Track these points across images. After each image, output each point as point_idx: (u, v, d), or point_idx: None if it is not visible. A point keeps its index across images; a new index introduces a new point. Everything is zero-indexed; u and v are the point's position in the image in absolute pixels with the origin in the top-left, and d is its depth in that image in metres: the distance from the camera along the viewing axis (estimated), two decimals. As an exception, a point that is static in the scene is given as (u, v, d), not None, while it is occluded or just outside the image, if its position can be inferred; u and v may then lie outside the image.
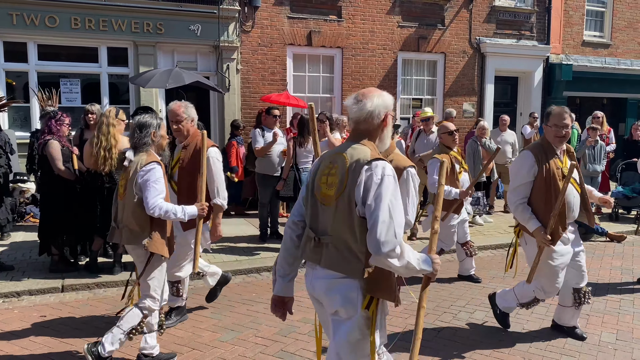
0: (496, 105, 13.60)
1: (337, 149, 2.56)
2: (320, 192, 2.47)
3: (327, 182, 2.44)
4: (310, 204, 2.54)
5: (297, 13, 11.23)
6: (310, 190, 2.55)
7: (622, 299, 5.51)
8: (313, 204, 2.52)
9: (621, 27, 15.31)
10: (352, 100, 2.51)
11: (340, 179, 2.39)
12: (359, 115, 2.47)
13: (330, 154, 2.57)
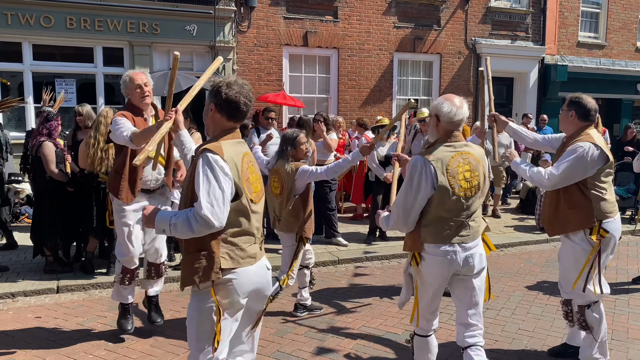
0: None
1: (465, 149, 3.08)
2: (461, 187, 3.00)
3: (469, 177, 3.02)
4: (453, 200, 2.98)
5: (293, 13, 11.24)
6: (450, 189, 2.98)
7: (617, 299, 5.53)
8: (456, 199, 2.99)
9: (616, 28, 15.39)
10: (463, 101, 3.10)
11: (480, 172, 3.06)
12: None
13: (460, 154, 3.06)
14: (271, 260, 6.77)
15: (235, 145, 2.60)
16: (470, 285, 3.10)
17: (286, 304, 5.28)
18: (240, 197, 2.53)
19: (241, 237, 2.57)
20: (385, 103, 12.32)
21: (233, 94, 2.54)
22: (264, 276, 2.68)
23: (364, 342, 4.40)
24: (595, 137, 3.65)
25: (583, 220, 3.62)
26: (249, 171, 2.61)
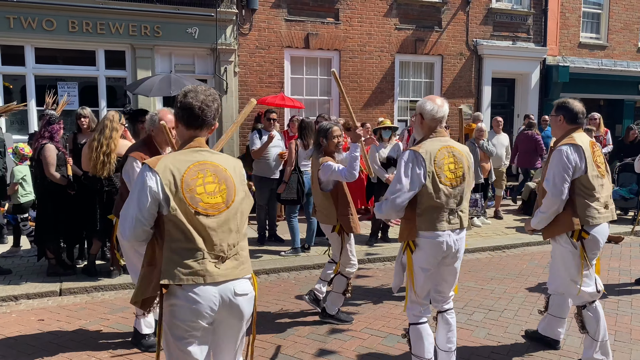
0: (493, 107, 13.63)
1: (449, 142, 3.42)
2: (447, 177, 3.32)
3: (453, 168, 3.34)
4: (441, 189, 3.30)
5: (294, 16, 11.26)
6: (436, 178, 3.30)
7: (620, 300, 5.52)
8: (444, 187, 3.32)
9: (617, 28, 15.37)
10: (444, 101, 3.45)
11: (464, 165, 3.41)
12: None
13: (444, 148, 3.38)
14: (269, 262, 6.78)
15: (187, 154, 2.46)
16: (453, 267, 3.54)
17: (288, 306, 5.29)
18: (169, 209, 2.34)
19: (183, 253, 2.36)
20: (386, 105, 12.32)
21: (187, 100, 2.48)
22: (225, 303, 2.43)
23: (367, 344, 4.40)
24: (577, 139, 3.75)
25: (567, 224, 3.75)
26: (197, 182, 2.39)
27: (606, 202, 3.82)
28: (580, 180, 3.71)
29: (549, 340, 4.27)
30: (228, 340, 2.59)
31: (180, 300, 2.38)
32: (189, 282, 2.36)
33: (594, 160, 3.74)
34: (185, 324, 2.39)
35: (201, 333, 2.46)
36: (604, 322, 3.85)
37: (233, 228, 2.49)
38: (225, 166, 2.53)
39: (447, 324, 3.63)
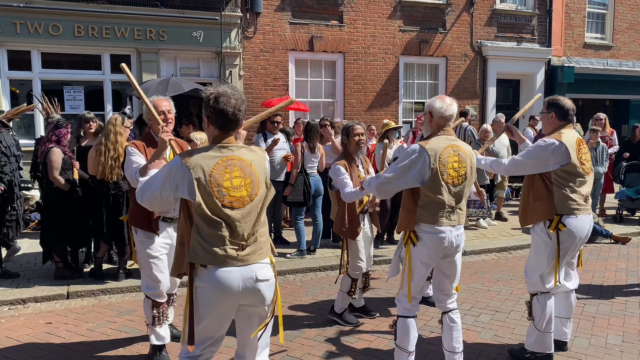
0: (498, 108, 13.60)
1: (455, 142, 3.49)
2: (450, 175, 3.40)
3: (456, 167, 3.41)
4: (443, 186, 3.38)
5: (298, 19, 11.28)
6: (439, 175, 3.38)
7: (627, 301, 5.49)
8: (445, 185, 3.39)
9: (622, 28, 15.32)
10: (453, 101, 3.56)
11: (468, 165, 3.48)
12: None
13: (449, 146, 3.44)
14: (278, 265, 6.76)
15: (216, 150, 2.66)
16: (454, 262, 3.60)
17: (294, 309, 5.29)
18: (195, 200, 2.56)
19: (208, 238, 2.60)
20: (391, 106, 12.33)
21: (221, 106, 2.62)
22: (246, 283, 2.62)
23: (374, 345, 4.39)
24: (565, 136, 3.82)
25: (544, 212, 3.86)
26: (224, 177, 2.60)
27: (586, 197, 3.89)
28: (557, 172, 3.80)
29: (542, 355, 4.05)
30: (252, 322, 2.78)
31: (203, 282, 2.61)
32: (212, 264, 2.59)
33: (579, 157, 3.81)
34: (210, 304, 2.62)
35: (225, 314, 2.70)
36: (551, 315, 3.92)
37: (254, 218, 2.70)
38: (250, 160, 2.71)
39: (452, 323, 3.64)
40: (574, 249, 3.94)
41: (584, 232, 3.88)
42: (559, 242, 3.83)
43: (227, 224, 2.60)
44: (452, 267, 3.61)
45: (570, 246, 3.88)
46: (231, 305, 2.68)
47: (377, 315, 5.04)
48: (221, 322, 2.73)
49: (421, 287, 3.62)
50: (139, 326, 4.79)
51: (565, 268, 4.08)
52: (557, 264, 3.86)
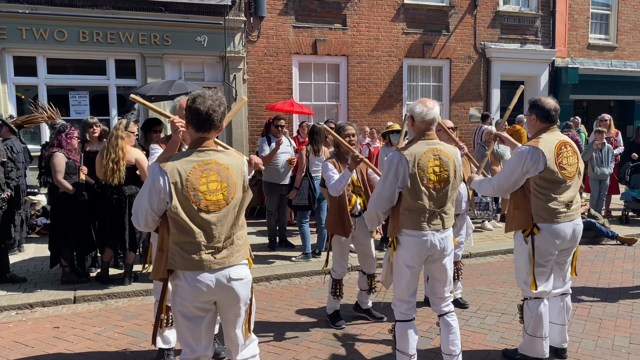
0: (502, 110, 13.58)
1: (437, 146, 3.49)
2: (430, 180, 3.42)
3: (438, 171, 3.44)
4: (422, 190, 3.40)
5: (302, 22, 11.32)
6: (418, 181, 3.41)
7: (634, 303, 5.47)
8: (425, 189, 3.41)
9: (626, 29, 15.29)
10: (435, 103, 3.53)
11: (450, 168, 3.48)
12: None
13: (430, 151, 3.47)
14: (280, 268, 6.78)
15: (194, 155, 2.73)
16: (443, 266, 3.60)
17: (300, 312, 5.30)
18: (171, 206, 2.64)
19: (183, 246, 2.69)
20: (395, 109, 12.33)
21: (196, 106, 2.72)
22: (220, 282, 2.74)
23: (380, 348, 4.40)
24: (543, 141, 3.77)
25: (522, 221, 3.86)
26: (200, 181, 2.67)
27: (568, 202, 3.80)
28: (535, 180, 3.76)
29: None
30: (229, 319, 2.89)
31: (182, 281, 2.74)
32: (189, 270, 2.71)
33: (558, 162, 3.74)
34: (186, 301, 2.74)
35: (201, 312, 2.79)
36: (541, 320, 3.88)
37: (230, 221, 2.79)
38: (227, 164, 2.79)
39: (448, 326, 3.64)
40: (557, 254, 3.88)
41: (563, 239, 3.80)
42: (534, 247, 3.81)
43: (203, 228, 2.69)
44: (441, 271, 3.62)
45: (547, 252, 3.82)
46: (207, 302, 2.79)
47: (384, 318, 5.03)
48: (202, 320, 2.81)
49: (413, 290, 3.61)
50: (146, 330, 4.81)
51: (555, 273, 4.01)
52: (532, 269, 3.83)
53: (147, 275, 6.07)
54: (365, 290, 4.99)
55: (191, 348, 2.83)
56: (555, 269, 4.01)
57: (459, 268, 5.34)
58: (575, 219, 3.86)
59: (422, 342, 4.43)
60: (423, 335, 4.58)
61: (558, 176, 3.74)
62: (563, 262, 4.02)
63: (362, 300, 5.07)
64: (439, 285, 3.67)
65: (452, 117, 12.81)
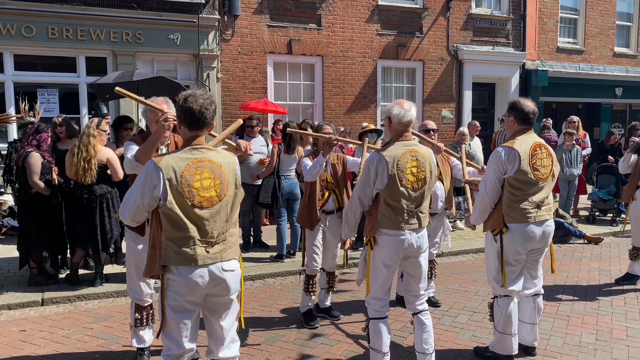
0: (474, 112, 13.80)
1: (414, 147, 3.55)
2: (408, 180, 3.47)
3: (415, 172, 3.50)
4: (401, 191, 3.46)
5: (277, 22, 11.29)
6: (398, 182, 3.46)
7: (600, 300, 5.62)
8: (404, 190, 3.47)
9: (594, 33, 15.69)
10: (412, 105, 3.59)
11: (427, 169, 3.55)
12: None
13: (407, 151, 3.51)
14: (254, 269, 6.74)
15: (187, 152, 2.81)
16: (418, 262, 3.65)
17: (273, 312, 5.29)
18: (165, 202, 2.68)
19: (177, 241, 2.74)
20: (370, 110, 12.40)
21: (188, 105, 2.79)
22: (214, 278, 2.80)
23: (354, 348, 4.41)
24: (519, 143, 3.85)
25: (495, 220, 3.94)
26: (194, 178, 2.74)
27: (539, 203, 3.88)
28: (509, 180, 3.84)
29: (503, 356, 4.08)
30: (217, 310, 2.93)
31: (175, 275, 2.77)
32: (183, 264, 2.75)
33: (532, 163, 3.82)
34: (179, 296, 2.76)
35: (192, 306, 2.83)
36: (510, 318, 3.96)
37: (223, 218, 2.85)
38: (220, 162, 2.86)
39: (421, 325, 3.68)
40: (527, 254, 3.96)
41: (532, 239, 3.87)
42: (502, 247, 3.89)
43: (196, 224, 2.75)
44: (416, 267, 3.67)
45: (515, 251, 3.89)
46: (199, 296, 2.83)
47: (340, 317, 5.06)
48: (191, 315, 2.84)
49: (387, 288, 3.65)
50: (117, 332, 4.73)
51: (526, 273, 4.08)
52: (502, 267, 3.91)
53: (118, 276, 5.99)
54: (324, 289, 5.04)
55: (177, 344, 2.83)
56: (527, 269, 4.09)
57: (433, 267, 5.39)
58: (546, 220, 3.94)
59: (396, 341, 4.46)
60: (396, 334, 4.62)
61: (531, 177, 3.81)
62: (534, 262, 4.09)
63: (321, 298, 5.12)
64: (413, 282, 3.72)
65: (424, 119, 12.95)
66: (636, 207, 5.92)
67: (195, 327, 2.91)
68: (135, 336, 3.97)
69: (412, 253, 3.60)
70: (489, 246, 4.06)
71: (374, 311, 3.65)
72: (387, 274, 3.59)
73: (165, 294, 2.78)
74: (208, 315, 2.96)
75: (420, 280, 3.71)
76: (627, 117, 16.76)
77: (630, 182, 6.04)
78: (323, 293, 5.09)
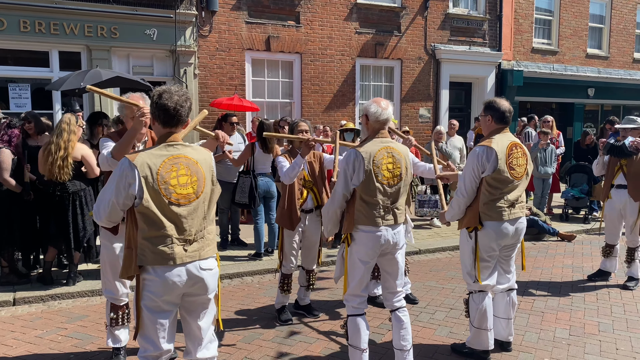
0: (451, 110, 13.95)
1: (390, 144, 3.58)
2: (384, 176, 3.50)
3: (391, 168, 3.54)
4: (377, 187, 3.50)
5: (255, 18, 11.22)
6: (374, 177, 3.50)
7: (574, 296, 5.74)
8: (380, 185, 3.50)
9: (567, 35, 15.99)
10: (389, 104, 3.63)
11: (402, 165, 3.59)
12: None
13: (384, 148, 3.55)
14: (232, 267, 6.70)
15: (163, 149, 2.74)
16: (394, 259, 3.69)
17: (251, 311, 5.26)
18: (142, 201, 2.63)
19: (154, 240, 2.68)
20: (348, 108, 12.43)
21: (163, 101, 2.74)
22: (191, 277, 2.75)
23: (332, 345, 4.42)
24: (496, 142, 3.91)
25: (470, 218, 4.01)
26: (171, 175, 2.69)
27: (514, 202, 3.96)
28: (487, 179, 3.90)
29: (479, 351, 4.13)
30: (195, 310, 2.88)
31: (152, 275, 2.70)
32: (160, 264, 2.68)
33: (508, 162, 3.88)
34: (156, 296, 2.71)
35: (170, 306, 2.78)
36: (485, 313, 4.03)
37: (201, 215, 2.81)
38: (196, 159, 2.81)
39: (399, 322, 3.72)
40: (500, 250, 4.04)
41: (505, 236, 3.95)
42: (477, 243, 3.97)
43: (173, 222, 2.70)
44: (393, 264, 3.71)
45: (489, 247, 3.97)
46: (177, 296, 2.78)
47: (319, 314, 5.08)
48: (168, 316, 2.79)
49: (365, 285, 3.68)
50: (92, 332, 4.65)
51: (500, 268, 4.16)
52: (477, 262, 3.98)
53: (93, 274, 5.89)
54: (304, 286, 5.04)
55: (154, 344, 2.77)
56: (500, 264, 4.16)
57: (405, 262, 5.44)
58: (519, 218, 4.02)
59: (373, 338, 4.48)
60: (374, 331, 4.64)
61: (507, 176, 3.88)
62: (507, 258, 4.17)
63: (301, 296, 5.12)
64: (390, 279, 3.75)
65: (402, 117, 13.05)
66: (611, 205, 6.06)
67: (172, 328, 2.86)
68: (111, 336, 3.92)
69: (389, 249, 3.63)
70: (463, 242, 4.13)
71: (352, 308, 3.67)
72: (365, 270, 3.61)
73: (142, 295, 2.71)
74: (185, 316, 2.91)
75: (397, 277, 3.74)
76: (599, 117, 17.13)
77: (606, 181, 6.17)
78: (303, 291, 5.08)
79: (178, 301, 2.82)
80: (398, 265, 3.72)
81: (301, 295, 5.12)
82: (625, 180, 5.89)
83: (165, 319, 2.78)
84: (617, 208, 6.01)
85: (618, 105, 17.61)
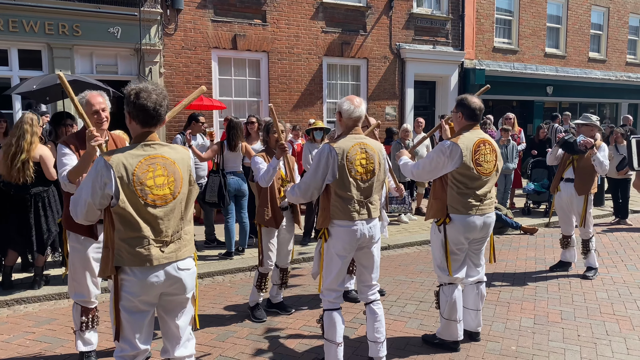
0: (416, 109, 14.18)
1: (363, 140, 3.65)
2: (357, 172, 3.57)
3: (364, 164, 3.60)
4: (350, 182, 3.55)
5: (221, 16, 11.14)
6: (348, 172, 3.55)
7: (537, 287, 5.95)
8: (353, 180, 3.56)
9: (527, 34, 16.47)
10: (362, 101, 3.72)
11: (375, 161, 3.65)
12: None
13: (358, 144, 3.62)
14: (204, 266, 6.67)
15: (139, 149, 2.69)
16: (370, 253, 3.77)
17: (224, 309, 5.26)
18: (118, 201, 2.59)
19: (130, 241, 2.64)
20: (316, 106, 12.48)
21: (142, 101, 2.66)
22: (169, 277, 2.73)
23: (307, 340, 4.47)
24: (463, 138, 4.03)
25: (437, 210, 4.16)
26: (147, 176, 2.64)
27: (482, 197, 4.08)
28: (452, 174, 4.03)
29: (449, 342, 4.25)
30: (172, 309, 2.86)
31: (129, 276, 2.67)
32: (137, 265, 2.65)
33: (475, 158, 3.99)
34: (133, 296, 2.68)
35: (147, 306, 2.76)
36: (455, 305, 4.16)
37: (178, 216, 2.77)
38: (174, 159, 2.76)
39: (373, 314, 3.80)
40: (469, 243, 4.17)
41: (473, 229, 4.08)
42: (446, 236, 4.10)
43: (150, 223, 2.66)
44: (369, 258, 3.78)
45: (458, 241, 4.10)
46: (154, 296, 2.76)
47: (293, 311, 5.14)
48: (145, 316, 2.77)
49: (341, 279, 3.74)
50: (61, 335, 4.57)
51: (469, 261, 4.30)
52: (447, 256, 4.11)
53: (59, 278, 5.77)
54: (277, 284, 5.08)
55: (131, 344, 2.75)
56: (470, 258, 4.29)
57: None
58: (487, 213, 4.14)
59: (347, 332, 4.55)
60: (348, 326, 4.71)
61: (473, 172, 3.99)
62: (476, 251, 4.30)
63: (273, 294, 5.16)
64: (366, 272, 3.82)
65: (369, 116, 13.15)
66: (560, 197, 6.29)
67: (149, 328, 2.84)
68: (81, 339, 3.83)
69: (365, 243, 3.70)
70: (433, 236, 4.26)
71: (329, 302, 3.72)
72: (342, 264, 3.67)
73: (120, 295, 2.68)
74: (163, 315, 2.90)
75: (372, 271, 3.82)
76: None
77: (557, 174, 6.40)
78: (275, 289, 5.12)
79: (155, 301, 2.80)
80: (374, 258, 3.79)
81: (273, 294, 5.15)
82: (573, 174, 6.12)
83: (142, 319, 2.76)
84: (565, 200, 6.24)
85: (575, 102, 18.26)
